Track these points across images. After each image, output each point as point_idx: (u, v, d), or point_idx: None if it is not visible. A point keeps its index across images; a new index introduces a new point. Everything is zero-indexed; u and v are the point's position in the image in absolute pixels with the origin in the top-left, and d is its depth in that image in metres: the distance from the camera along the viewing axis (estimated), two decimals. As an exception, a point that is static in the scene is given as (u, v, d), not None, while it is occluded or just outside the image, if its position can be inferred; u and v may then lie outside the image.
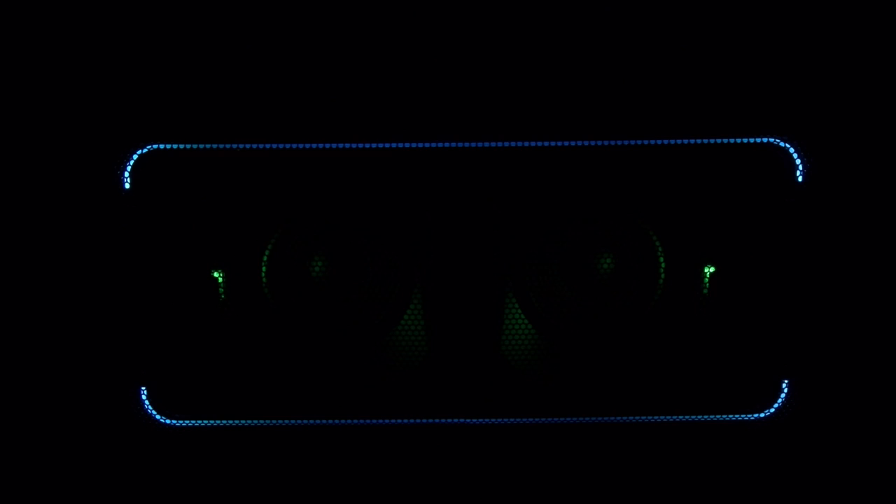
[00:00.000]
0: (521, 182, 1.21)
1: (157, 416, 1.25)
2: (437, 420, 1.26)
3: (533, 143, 1.19)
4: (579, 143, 1.20)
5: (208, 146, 1.20)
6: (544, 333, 1.27)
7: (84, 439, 1.24)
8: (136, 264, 1.21)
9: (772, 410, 1.24)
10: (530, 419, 1.25)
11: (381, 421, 1.26)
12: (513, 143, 1.19)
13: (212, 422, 1.26)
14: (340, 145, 1.20)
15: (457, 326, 1.24)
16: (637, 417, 1.25)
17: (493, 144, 1.19)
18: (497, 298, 1.24)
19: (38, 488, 1.25)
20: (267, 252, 1.26)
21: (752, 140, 1.19)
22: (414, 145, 1.20)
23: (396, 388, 1.26)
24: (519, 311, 1.26)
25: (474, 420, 1.26)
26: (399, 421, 1.26)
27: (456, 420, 1.26)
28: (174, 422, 1.25)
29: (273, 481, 1.26)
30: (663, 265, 1.25)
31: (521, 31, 1.20)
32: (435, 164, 1.20)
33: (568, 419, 1.25)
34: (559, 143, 1.20)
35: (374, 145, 1.20)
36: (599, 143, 1.20)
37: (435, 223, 1.22)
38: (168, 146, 1.19)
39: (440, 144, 1.20)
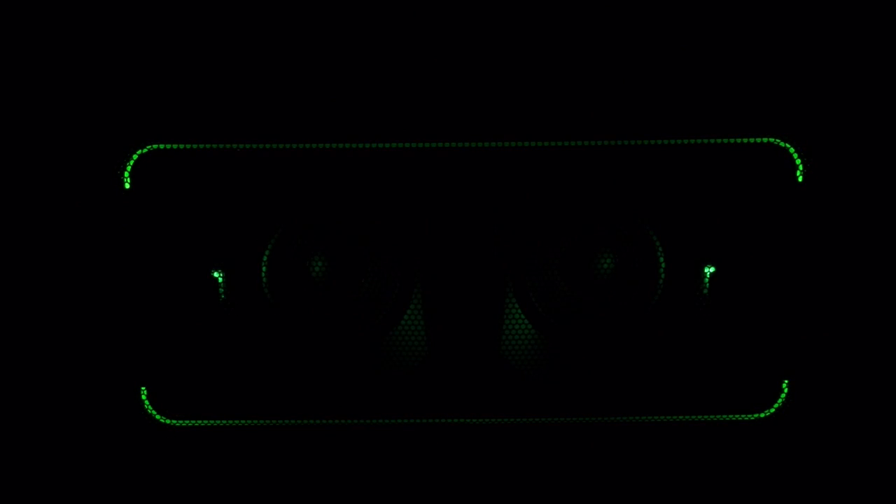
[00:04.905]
0: (522, 182, 1.21)
1: (158, 416, 1.25)
2: (437, 420, 1.26)
3: (533, 143, 1.19)
4: (579, 143, 1.20)
5: (208, 146, 1.20)
6: (544, 333, 1.27)
7: (84, 439, 1.24)
8: (136, 264, 1.21)
9: (772, 410, 1.24)
10: (530, 419, 1.25)
11: (381, 421, 1.26)
12: (513, 143, 1.19)
13: (212, 422, 1.26)
14: (340, 145, 1.20)
15: (457, 326, 1.24)
16: (637, 417, 1.25)
17: (493, 144, 1.19)
18: (497, 298, 1.24)
19: (38, 488, 1.25)
20: (267, 252, 1.26)
21: (752, 140, 1.19)
22: (414, 145, 1.20)
23: (396, 388, 1.26)
24: (519, 311, 1.26)
25: (474, 420, 1.26)
26: (399, 421, 1.26)
27: (456, 420, 1.26)
28: (174, 422, 1.25)
29: (273, 481, 1.26)
30: (663, 265, 1.25)
31: (520, 31, 1.20)
32: (435, 164, 1.20)
33: (568, 419, 1.25)
34: (559, 143, 1.20)
35: (374, 145, 1.20)
36: (599, 143, 1.20)
37: (435, 223, 1.22)
38: (168, 146, 1.19)
39: (440, 144, 1.20)
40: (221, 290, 1.25)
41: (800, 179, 1.19)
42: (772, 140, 1.19)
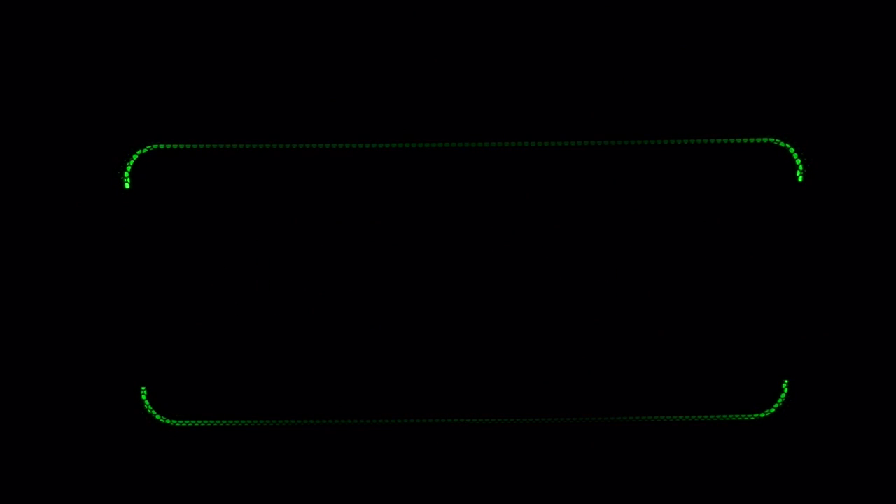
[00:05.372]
0: (522, 182, 1.21)
1: (158, 416, 1.25)
2: (437, 420, 1.26)
3: (533, 143, 1.19)
4: (579, 143, 1.20)
5: (208, 146, 1.20)
6: (545, 333, 1.27)
7: (84, 439, 1.24)
8: (136, 264, 1.21)
9: (772, 410, 1.24)
10: (530, 419, 1.25)
11: (381, 421, 1.26)
12: (513, 144, 1.19)
13: (211, 422, 1.26)
14: (340, 145, 1.20)
15: (457, 326, 1.24)
16: (637, 417, 1.25)
17: (493, 144, 1.19)
18: (498, 298, 1.24)
19: (38, 488, 1.25)
20: (265, 252, 1.26)
21: (752, 140, 1.19)
22: (414, 145, 1.20)
23: (396, 388, 1.26)
24: (520, 310, 1.26)
25: (474, 420, 1.26)
26: (399, 421, 1.26)
27: (456, 420, 1.26)
28: (174, 422, 1.25)
29: (273, 481, 1.26)
30: (665, 264, 1.25)
31: (521, 32, 1.20)
32: (435, 164, 1.20)
33: (568, 419, 1.25)
34: (559, 144, 1.20)
35: (374, 145, 1.20)
36: (599, 143, 1.20)
37: (434, 223, 1.22)
38: (168, 146, 1.19)
39: (440, 144, 1.20)
40: (220, 289, 1.25)
41: (800, 179, 1.19)
42: (772, 140, 1.19)
